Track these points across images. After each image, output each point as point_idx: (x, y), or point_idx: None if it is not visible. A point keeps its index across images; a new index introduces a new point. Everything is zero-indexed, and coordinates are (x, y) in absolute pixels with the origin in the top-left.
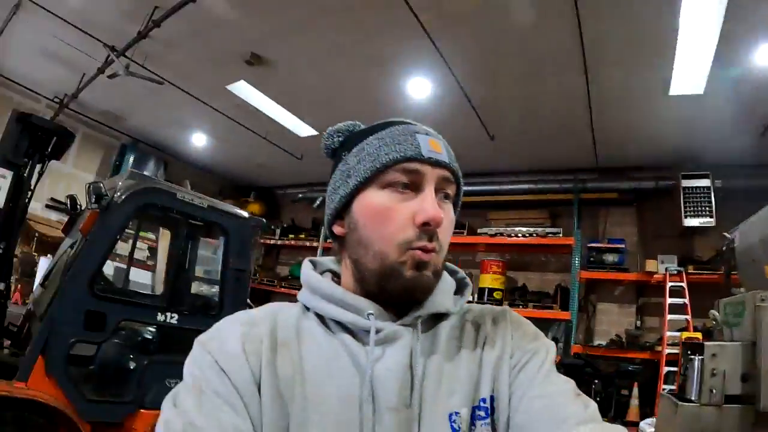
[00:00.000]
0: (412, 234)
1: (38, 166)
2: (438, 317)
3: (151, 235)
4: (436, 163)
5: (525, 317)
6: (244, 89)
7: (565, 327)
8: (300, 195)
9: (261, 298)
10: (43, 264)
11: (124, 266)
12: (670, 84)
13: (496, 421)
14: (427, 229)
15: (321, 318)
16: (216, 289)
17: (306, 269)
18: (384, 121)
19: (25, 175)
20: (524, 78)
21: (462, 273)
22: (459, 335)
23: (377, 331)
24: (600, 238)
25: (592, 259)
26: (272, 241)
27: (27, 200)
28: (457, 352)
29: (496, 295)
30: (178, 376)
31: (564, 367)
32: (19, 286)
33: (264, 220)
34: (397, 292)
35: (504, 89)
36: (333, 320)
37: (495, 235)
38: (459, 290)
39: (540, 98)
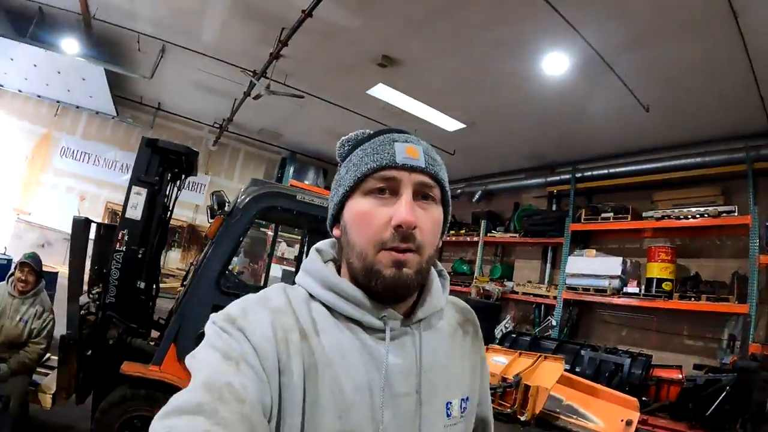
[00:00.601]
0: (387, 235)
1: (177, 182)
2: (435, 313)
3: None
4: (411, 169)
5: (697, 311)
6: (384, 92)
7: (743, 322)
8: (459, 190)
9: None
10: None
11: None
12: None
13: (467, 415)
14: (400, 231)
15: (327, 307)
16: None
17: (316, 261)
18: (379, 130)
19: (167, 192)
20: (669, 37)
21: (440, 266)
22: (452, 333)
23: (390, 330)
24: None
25: None
26: None
27: (169, 212)
28: (452, 350)
29: (665, 286)
30: None
31: (736, 370)
32: None
33: None
34: (380, 290)
35: (650, 52)
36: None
37: (661, 218)
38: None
39: (692, 57)
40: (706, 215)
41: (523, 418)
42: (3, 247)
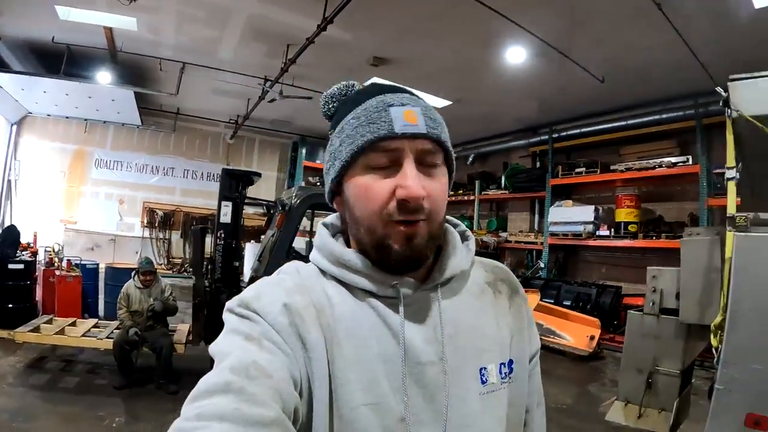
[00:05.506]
0: (392, 208)
1: (244, 191)
2: (458, 275)
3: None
4: (412, 136)
5: (660, 248)
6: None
7: None
8: (454, 155)
9: None
10: (248, 248)
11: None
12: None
13: (512, 381)
14: (407, 205)
15: (340, 281)
16: None
17: (325, 236)
18: (367, 88)
19: (238, 201)
20: (605, 24)
21: (462, 226)
22: (481, 294)
23: (404, 297)
24: None
25: (719, 185)
26: None
27: (242, 215)
28: (482, 312)
29: (631, 228)
30: None
31: None
32: None
33: None
34: (393, 264)
35: (592, 38)
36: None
37: (626, 170)
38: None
39: (632, 39)
40: (662, 165)
41: None
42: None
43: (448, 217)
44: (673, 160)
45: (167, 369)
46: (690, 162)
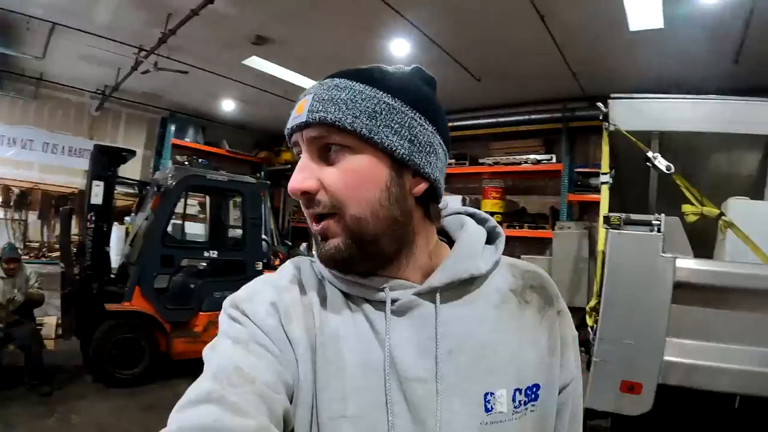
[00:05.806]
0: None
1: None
2: (470, 280)
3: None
4: (300, 127)
5: (524, 237)
6: (258, 62)
7: None
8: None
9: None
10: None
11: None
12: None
13: (537, 409)
14: (300, 199)
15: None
16: (240, 231)
17: None
18: None
19: (111, 181)
20: (488, 26)
21: (493, 222)
22: (501, 304)
23: (393, 301)
24: (589, 163)
25: (579, 183)
26: None
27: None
28: (499, 326)
29: (496, 218)
30: (223, 289)
31: None
32: None
33: (268, 182)
34: (324, 265)
35: (474, 39)
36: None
37: (494, 164)
38: (489, 241)
39: (511, 44)
40: (528, 162)
41: None
42: None
43: (476, 211)
44: (539, 157)
45: (38, 368)
46: (554, 160)
